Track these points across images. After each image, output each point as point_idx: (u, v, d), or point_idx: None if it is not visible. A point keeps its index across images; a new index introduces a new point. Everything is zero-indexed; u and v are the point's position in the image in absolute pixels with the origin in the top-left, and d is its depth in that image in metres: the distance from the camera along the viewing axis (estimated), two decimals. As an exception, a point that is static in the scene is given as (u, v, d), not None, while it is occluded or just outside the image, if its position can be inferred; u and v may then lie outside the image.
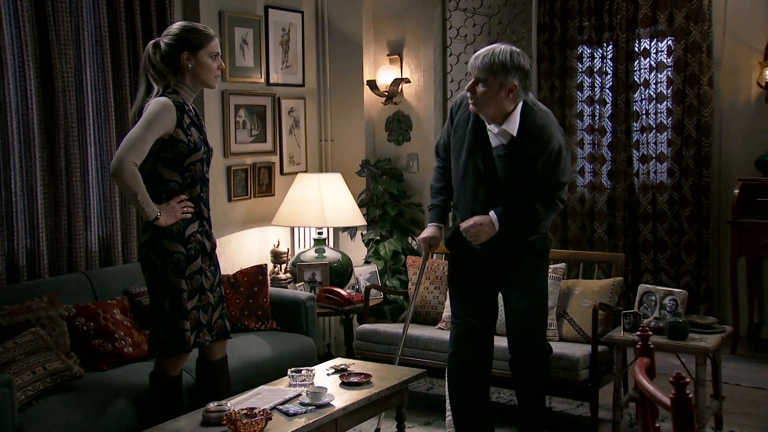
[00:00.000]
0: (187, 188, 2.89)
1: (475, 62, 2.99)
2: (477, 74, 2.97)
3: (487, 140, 3.05)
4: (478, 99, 2.97)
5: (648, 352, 1.93)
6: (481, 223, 3.06)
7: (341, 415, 2.86)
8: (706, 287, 5.20)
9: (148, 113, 2.78)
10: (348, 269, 4.53)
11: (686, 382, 1.60)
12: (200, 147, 2.90)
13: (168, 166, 2.84)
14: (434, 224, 3.28)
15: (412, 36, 4.85)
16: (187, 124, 2.87)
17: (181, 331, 2.86)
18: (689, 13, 5.04)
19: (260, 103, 4.61)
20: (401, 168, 4.94)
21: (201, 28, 2.94)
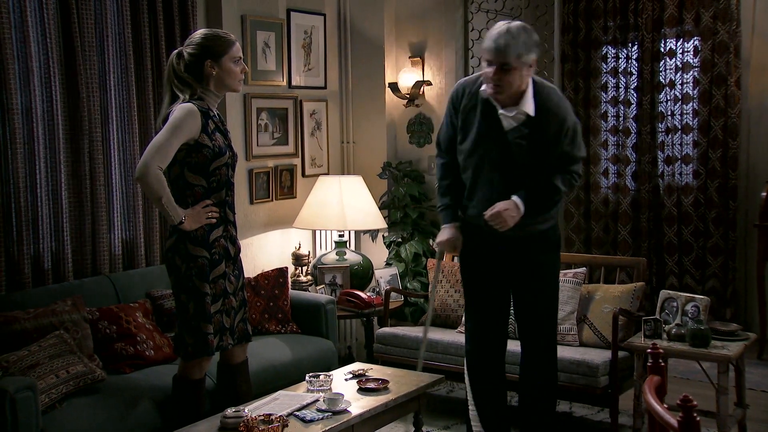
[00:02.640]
0: (212, 192, 2.94)
1: (497, 48, 2.82)
2: (502, 60, 2.82)
3: (499, 125, 2.95)
4: (504, 86, 2.85)
5: (658, 371, 1.92)
6: (506, 208, 2.95)
7: (357, 422, 2.89)
8: (732, 291, 5.12)
9: (174, 119, 2.84)
10: (369, 272, 4.55)
11: (693, 405, 1.59)
12: (225, 152, 2.95)
13: (194, 170, 2.90)
14: (451, 225, 3.15)
15: (433, 38, 4.84)
16: (212, 129, 2.92)
17: (205, 334, 2.90)
18: (716, 13, 4.95)
19: (282, 106, 4.64)
20: (423, 170, 4.94)
21: (222, 34, 2.98)
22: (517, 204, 2.96)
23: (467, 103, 3.03)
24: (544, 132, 2.94)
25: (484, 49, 2.90)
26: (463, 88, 3.07)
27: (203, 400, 3.05)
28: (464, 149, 3.05)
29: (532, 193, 3.00)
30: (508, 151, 2.97)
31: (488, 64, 2.87)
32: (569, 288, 3.94)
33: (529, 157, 2.96)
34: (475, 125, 2.99)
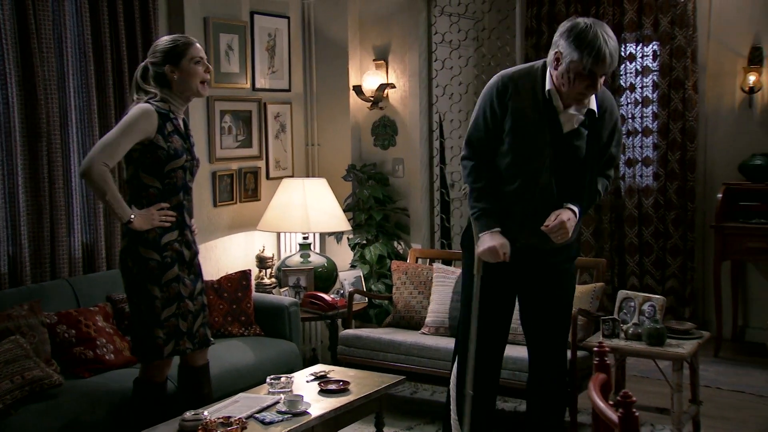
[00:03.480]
0: (167, 195, 2.93)
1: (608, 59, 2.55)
2: (607, 71, 2.60)
3: (557, 127, 2.71)
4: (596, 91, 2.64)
5: (604, 368, 1.96)
6: (569, 218, 2.72)
7: (317, 424, 2.89)
8: (691, 290, 5.24)
9: (126, 117, 2.87)
10: (333, 274, 4.57)
11: (632, 401, 1.63)
12: (182, 154, 2.94)
13: (148, 171, 2.90)
14: (495, 230, 2.77)
15: (397, 41, 4.87)
16: (169, 132, 2.92)
17: (154, 337, 2.89)
18: (674, 19, 5.07)
19: (246, 109, 4.64)
20: (387, 172, 4.96)
21: (180, 39, 3.00)
22: (575, 212, 2.75)
23: (522, 102, 2.71)
24: (599, 132, 2.76)
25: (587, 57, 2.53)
26: (514, 84, 2.72)
27: (165, 404, 3.04)
28: (515, 153, 2.74)
29: (585, 200, 2.81)
30: (565, 155, 2.73)
31: (588, 74, 2.56)
32: (530, 289, 3.99)
33: (591, 159, 2.76)
34: (534, 127, 2.70)
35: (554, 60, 2.63)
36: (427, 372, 3.90)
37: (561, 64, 2.60)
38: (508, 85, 2.72)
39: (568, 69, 2.58)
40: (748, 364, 4.65)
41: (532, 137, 2.72)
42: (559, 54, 2.61)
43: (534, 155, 2.73)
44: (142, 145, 2.86)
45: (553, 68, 2.65)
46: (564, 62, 2.58)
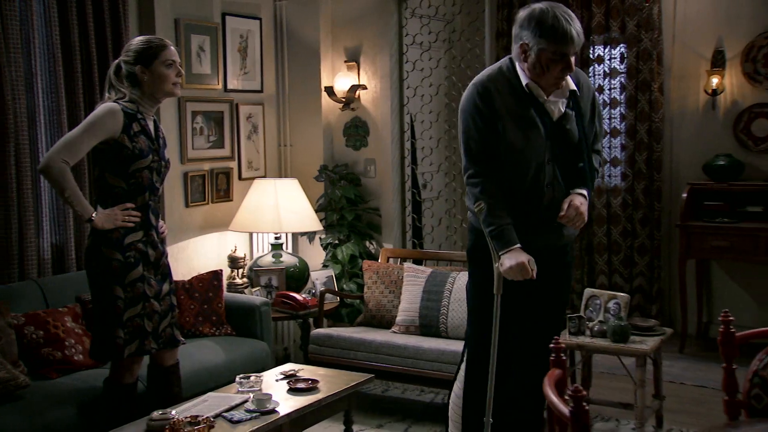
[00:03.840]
0: (133, 195, 2.95)
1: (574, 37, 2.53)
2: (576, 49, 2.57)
3: (547, 117, 2.66)
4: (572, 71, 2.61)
5: (560, 364, 2.02)
6: (581, 202, 2.66)
7: (285, 422, 2.93)
8: (657, 288, 5.34)
9: (91, 116, 2.90)
10: (305, 274, 4.60)
11: (582, 395, 1.69)
12: (147, 155, 2.95)
13: (113, 172, 2.92)
14: (518, 246, 2.63)
15: (369, 43, 4.92)
16: (136, 132, 2.94)
17: (114, 337, 2.91)
18: (640, 22, 5.16)
19: (218, 110, 4.65)
20: (359, 173, 5.01)
21: (154, 40, 3.02)
22: (584, 196, 2.69)
23: (508, 102, 2.64)
24: (582, 109, 2.72)
25: (553, 41, 2.51)
26: (493, 86, 2.65)
27: (134, 404, 3.05)
28: (515, 153, 2.65)
29: (588, 181, 2.73)
30: (562, 141, 2.68)
31: (560, 57, 2.52)
32: (499, 287, 4.05)
33: (581, 140, 2.70)
34: (525, 124, 2.64)
35: (521, 53, 2.60)
36: (397, 370, 3.95)
37: (530, 55, 2.57)
38: (489, 87, 2.66)
39: (538, 58, 2.55)
40: (712, 360, 4.75)
41: (528, 133, 2.65)
42: (525, 45, 2.57)
43: (534, 151, 2.66)
44: (107, 144, 2.88)
45: (522, 61, 2.61)
46: (532, 52, 2.55)
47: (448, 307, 4.09)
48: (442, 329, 4.08)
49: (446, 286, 4.15)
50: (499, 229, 2.64)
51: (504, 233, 2.64)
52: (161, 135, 3.12)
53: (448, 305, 4.09)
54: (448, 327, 4.06)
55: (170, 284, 3.13)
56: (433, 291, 4.16)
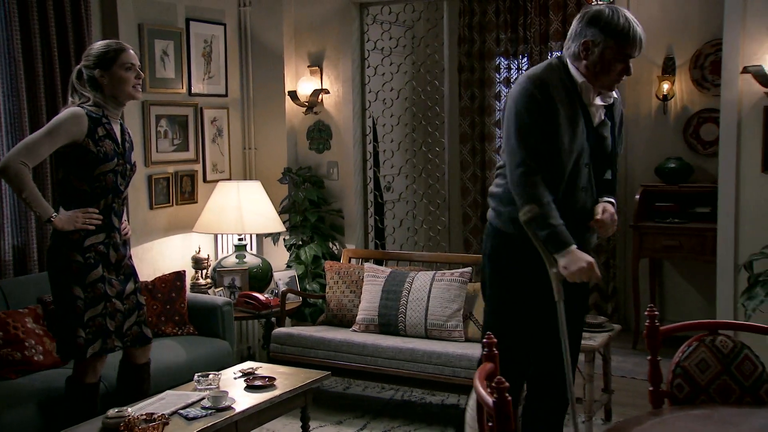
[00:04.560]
0: (97, 198, 3.02)
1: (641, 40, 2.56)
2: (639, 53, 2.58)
3: (589, 120, 2.64)
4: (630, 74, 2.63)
5: (491, 358, 2.13)
6: (613, 211, 2.70)
7: (241, 418, 3.02)
8: (613, 287, 5.51)
9: (54, 119, 2.97)
10: (268, 274, 4.69)
11: (505, 386, 1.81)
12: (112, 158, 3.02)
13: (77, 175, 2.99)
14: (574, 246, 2.54)
15: (331, 48, 5.02)
16: (101, 136, 3.01)
17: (75, 337, 2.98)
18: (596, 29, 5.33)
19: (182, 113, 4.72)
20: (322, 175, 5.11)
21: (112, 44, 3.10)
22: (614, 205, 2.74)
23: (562, 98, 2.59)
24: (614, 120, 2.73)
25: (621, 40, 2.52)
26: (548, 85, 2.59)
27: (95, 403, 3.12)
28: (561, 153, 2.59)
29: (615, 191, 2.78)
30: (598, 148, 2.67)
31: (623, 58, 2.55)
32: (456, 287, 4.18)
33: (610, 152, 2.73)
34: (573, 123, 2.60)
35: (583, 50, 2.56)
36: (356, 368, 4.06)
37: (593, 53, 2.54)
38: (546, 80, 2.59)
39: (602, 55, 2.53)
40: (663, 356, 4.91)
41: (574, 133, 2.61)
42: (590, 42, 2.55)
43: (576, 152, 2.62)
44: (71, 148, 2.94)
45: (579, 59, 2.59)
46: (597, 50, 2.54)
47: (407, 306, 4.21)
48: (400, 327, 4.19)
49: (405, 286, 4.26)
50: (555, 229, 2.53)
51: (561, 234, 2.53)
52: (128, 138, 3.19)
53: (407, 304, 4.21)
54: (407, 325, 4.18)
55: (135, 283, 3.20)
56: (392, 290, 4.27)
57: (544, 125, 2.57)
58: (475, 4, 5.69)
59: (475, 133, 5.84)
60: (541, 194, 2.55)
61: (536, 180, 2.56)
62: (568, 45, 2.65)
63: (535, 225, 2.53)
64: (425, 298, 4.18)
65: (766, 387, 2.30)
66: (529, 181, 2.56)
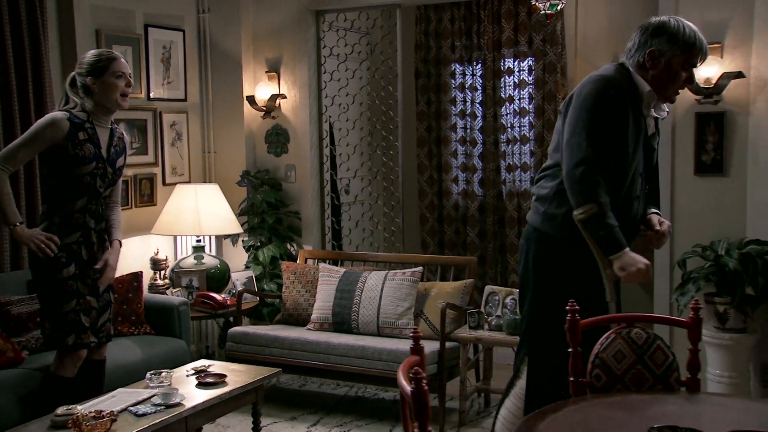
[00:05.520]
0: (74, 197, 3.15)
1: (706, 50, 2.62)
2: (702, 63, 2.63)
3: (645, 130, 2.68)
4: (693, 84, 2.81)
5: (418, 352, 2.27)
6: (669, 224, 2.76)
7: (191, 414, 3.13)
8: (564, 286, 5.70)
9: (33, 127, 3.17)
10: (225, 274, 4.79)
11: (422, 376, 1.95)
12: (90, 162, 3.16)
13: (55, 173, 3.14)
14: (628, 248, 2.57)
15: (288, 54, 5.14)
16: (81, 140, 3.15)
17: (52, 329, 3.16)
18: (545, 37, 5.51)
19: (141, 118, 4.81)
20: (280, 178, 5.22)
21: (104, 53, 3.26)
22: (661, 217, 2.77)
23: (628, 107, 2.60)
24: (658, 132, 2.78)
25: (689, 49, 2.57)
26: (623, 88, 2.59)
27: (69, 398, 3.20)
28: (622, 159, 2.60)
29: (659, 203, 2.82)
30: (648, 158, 2.71)
31: (689, 67, 2.61)
32: (407, 286, 4.32)
33: (656, 164, 2.78)
34: (636, 131, 2.62)
35: (649, 60, 2.59)
36: (310, 365, 4.17)
37: (660, 63, 2.58)
38: (622, 83, 2.59)
39: (669, 65, 2.57)
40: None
41: (637, 141, 2.63)
42: (656, 52, 2.58)
43: (635, 160, 2.64)
44: (51, 148, 3.10)
45: (645, 70, 2.61)
46: (664, 59, 2.57)
47: (360, 305, 4.34)
48: (353, 326, 4.33)
49: (358, 285, 4.40)
50: (612, 230, 2.53)
51: (618, 235, 2.53)
52: (115, 144, 3.31)
53: (360, 303, 4.34)
54: (359, 323, 4.31)
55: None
56: (345, 290, 4.41)
57: (614, 127, 2.57)
58: (431, 11, 5.85)
59: (431, 137, 6.00)
60: (601, 194, 2.53)
61: (598, 179, 2.53)
62: (630, 54, 2.65)
63: (592, 224, 2.53)
64: (377, 297, 4.32)
65: (676, 375, 2.46)
66: (591, 179, 2.53)
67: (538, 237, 2.77)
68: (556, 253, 2.71)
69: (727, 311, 3.78)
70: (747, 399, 2.83)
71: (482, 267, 5.82)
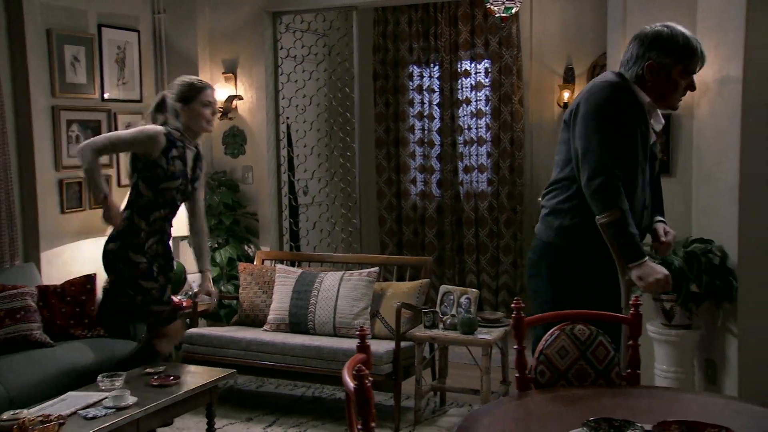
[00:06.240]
0: (158, 207, 3.41)
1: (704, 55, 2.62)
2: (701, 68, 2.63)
3: (648, 138, 2.70)
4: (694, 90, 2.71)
5: (363, 350, 2.30)
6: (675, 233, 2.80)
7: (142, 416, 3.10)
8: (521, 285, 5.78)
9: (140, 129, 3.39)
10: (182, 276, 4.76)
11: (365, 374, 1.98)
12: (178, 177, 3.39)
13: (146, 183, 3.38)
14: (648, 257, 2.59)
15: (245, 56, 5.14)
16: (174, 156, 3.39)
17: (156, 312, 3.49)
18: (501, 39, 5.60)
19: (95, 118, 4.76)
20: (237, 179, 5.21)
21: (195, 82, 3.48)
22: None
23: (633, 114, 2.63)
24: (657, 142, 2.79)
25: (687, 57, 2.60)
26: (632, 93, 2.63)
27: None
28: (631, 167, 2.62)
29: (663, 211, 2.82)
30: (651, 166, 2.74)
31: (688, 75, 2.62)
32: (363, 286, 4.35)
33: (658, 172, 2.79)
34: (642, 139, 2.64)
35: (648, 72, 2.61)
36: (266, 366, 4.18)
37: (658, 74, 2.60)
38: (623, 97, 2.61)
39: (669, 74, 2.60)
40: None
41: (645, 149, 2.64)
42: (654, 64, 2.59)
43: (642, 169, 2.66)
44: (145, 159, 3.33)
45: (644, 82, 2.63)
46: (663, 70, 2.60)
47: (316, 305, 4.36)
48: (310, 326, 4.34)
49: (314, 286, 4.41)
50: (633, 239, 2.54)
51: (636, 244, 2.54)
52: (200, 166, 3.58)
53: (316, 303, 4.36)
54: (316, 324, 4.33)
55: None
56: (302, 291, 4.42)
57: (627, 132, 2.58)
58: (388, 13, 5.89)
59: (389, 139, 6.04)
60: (623, 201, 2.53)
61: (619, 186, 2.53)
62: (629, 67, 2.65)
63: (614, 231, 2.53)
64: (334, 298, 4.34)
65: (617, 370, 2.52)
66: (612, 186, 2.53)
67: (553, 252, 2.76)
68: (572, 266, 2.70)
69: (673, 308, 3.88)
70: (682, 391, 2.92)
71: (440, 267, 5.88)
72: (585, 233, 2.63)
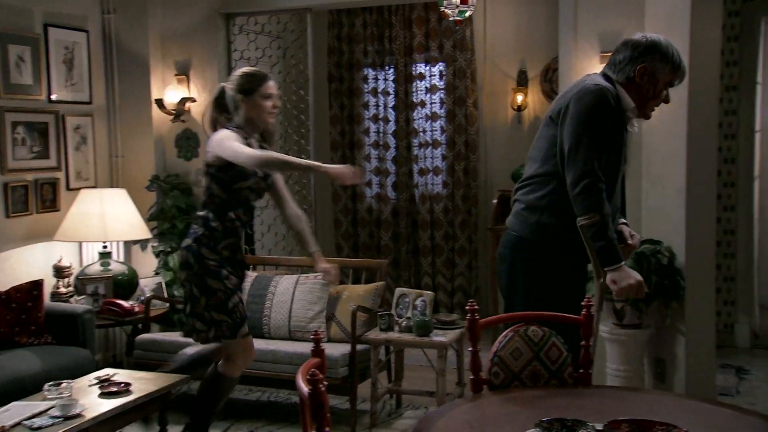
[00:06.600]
0: (232, 207, 3.29)
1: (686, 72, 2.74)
2: None
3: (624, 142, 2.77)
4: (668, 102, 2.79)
5: (318, 354, 2.29)
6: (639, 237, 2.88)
7: (92, 425, 3.04)
8: (476, 287, 5.84)
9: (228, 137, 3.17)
10: (134, 281, 4.68)
11: (319, 378, 1.97)
12: (250, 177, 3.27)
13: (220, 185, 3.26)
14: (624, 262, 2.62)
15: (198, 57, 5.07)
16: None
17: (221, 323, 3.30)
18: (456, 43, 5.65)
19: (41, 120, 4.64)
20: (190, 182, 5.13)
21: (257, 74, 3.32)
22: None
23: (618, 119, 2.70)
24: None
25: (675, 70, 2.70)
26: (619, 98, 2.69)
27: None
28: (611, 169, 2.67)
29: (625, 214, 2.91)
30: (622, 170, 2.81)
31: (670, 86, 2.73)
32: (318, 289, 4.33)
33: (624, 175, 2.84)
34: (621, 143, 2.71)
35: (639, 75, 2.67)
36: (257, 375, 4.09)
37: (647, 78, 2.67)
38: (611, 102, 2.65)
39: (655, 81, 2.68)
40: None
41: (620, 153, 2.71)
42: (646, 68, 2.66)
43: (618, 171, 2.72)
44: (219, 163, 3.20)
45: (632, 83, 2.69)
46: (652, 76, 2.67)
47: (271, 309, 4.32)
48: (265, 330, 4.30)
49: (269, 289, 4.38)
50: (611, 243, 2.58)
51: (615, 248, 2.59)
52: None
53: (271, 307, 4.32)
54: (271, 328, 4.30)
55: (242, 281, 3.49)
56: (257, 294, 4.38)
57: (614, 138, 2.65)
58: (343, 16, 5.89)
59: (345, 141, 6.04)
60: (605, 205, 2.58)
61: (602, 190, 2.58)
62: (620, 68, 2.71)
63: (593, 233, 2.57)
64: (289, 301, 4.31)
65: (569, 370, 2.56)
66: (597, 189, 2.58)
67: (526, 246, 2.78)
68: (547, 262, 2.74)
69: (623, 308, 3.97)
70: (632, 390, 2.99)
71: (396, 270, 5.89)
72: (563, 232, 2.67)
